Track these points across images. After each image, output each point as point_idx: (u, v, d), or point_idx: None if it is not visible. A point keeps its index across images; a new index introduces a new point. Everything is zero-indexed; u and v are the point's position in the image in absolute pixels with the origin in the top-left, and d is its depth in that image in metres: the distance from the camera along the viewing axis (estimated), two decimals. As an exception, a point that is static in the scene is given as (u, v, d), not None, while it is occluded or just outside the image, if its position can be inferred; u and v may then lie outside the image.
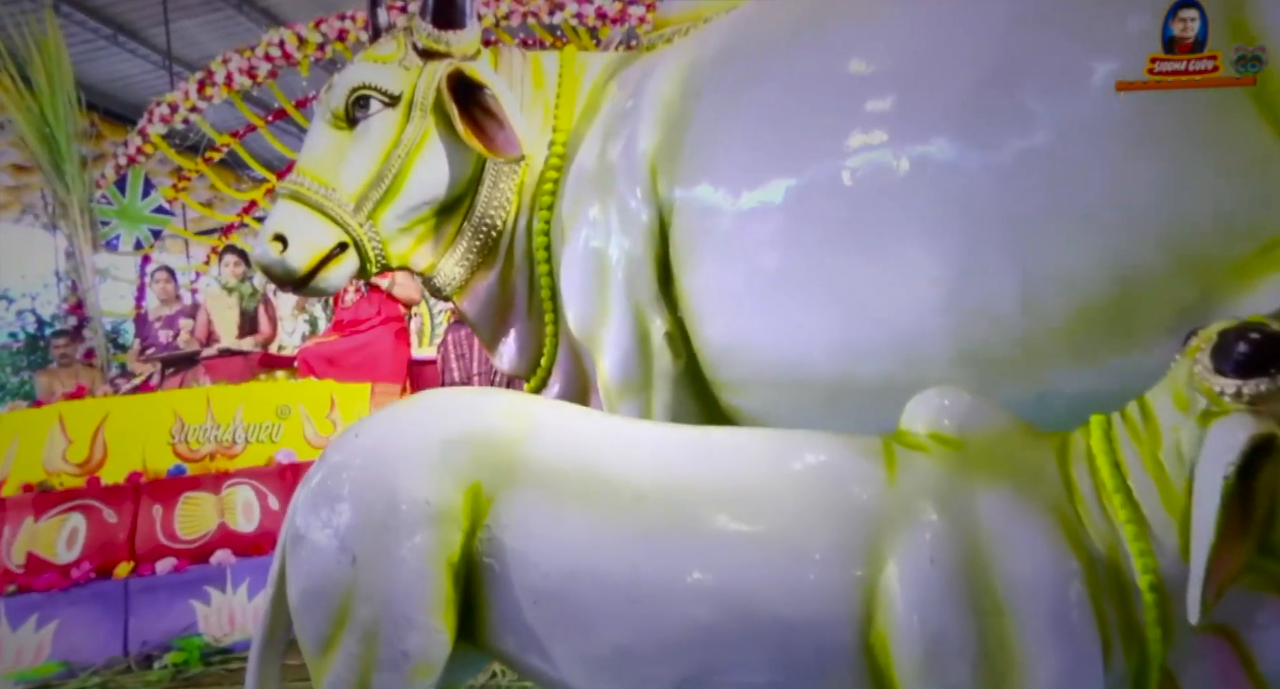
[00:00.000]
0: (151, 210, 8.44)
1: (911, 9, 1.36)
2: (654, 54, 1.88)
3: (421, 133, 1.95)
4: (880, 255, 1.34)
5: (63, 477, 3.91)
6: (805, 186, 1.44)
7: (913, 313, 1.30)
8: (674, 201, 1.65)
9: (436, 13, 1.94)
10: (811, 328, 1.44)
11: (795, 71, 1.48)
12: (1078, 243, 1.13)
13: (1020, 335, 1.20)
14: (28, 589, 3.62)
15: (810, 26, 1.49)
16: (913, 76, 1.32)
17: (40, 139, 7.91)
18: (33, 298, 14.65)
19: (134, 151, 8.10)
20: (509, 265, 2.08)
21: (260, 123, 8.67)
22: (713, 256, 1.58)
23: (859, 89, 1.37)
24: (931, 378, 1.30)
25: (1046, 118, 1.18)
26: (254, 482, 4.07)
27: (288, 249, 1.88)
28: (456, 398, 1.21)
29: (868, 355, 1.37)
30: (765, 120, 1.51)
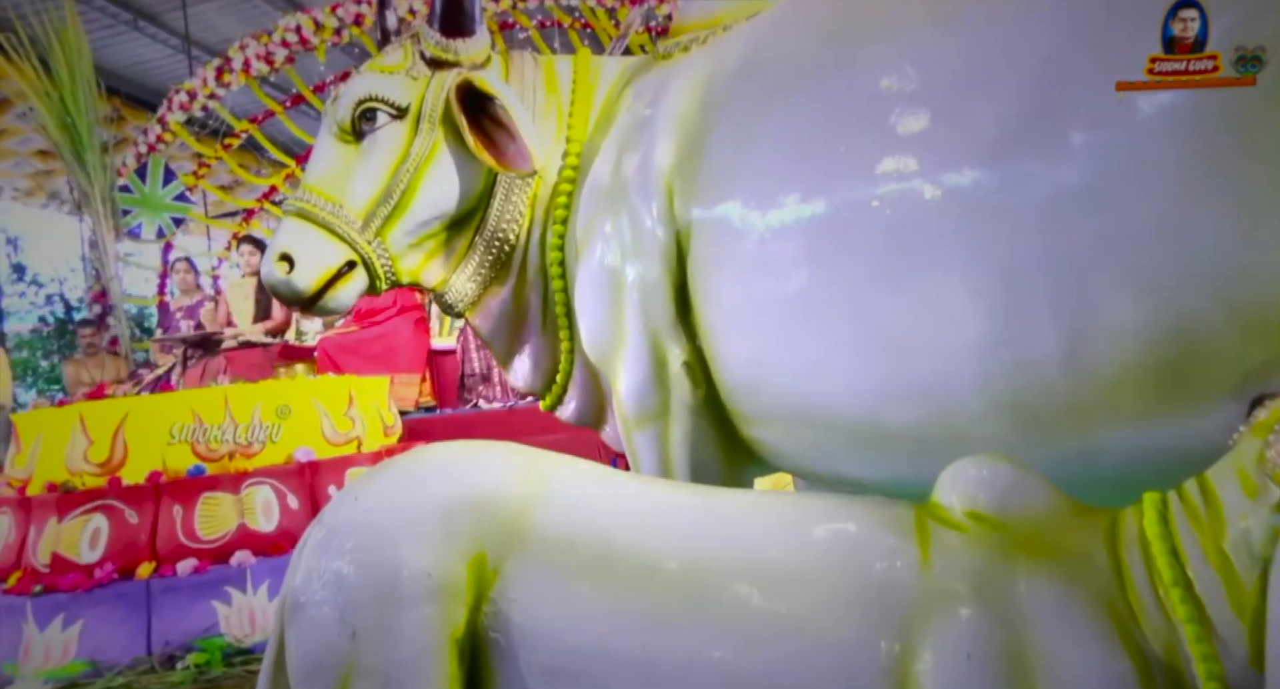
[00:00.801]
0: (173, 198, 8.47)
1: (947, 29, 1.26)
2: (671, 63, 1.79)
3: (430, 146, 1.88)
4: (910, 291, 1.26)
5: (84, 476, 3.93)
6: (832, 213, 1.36)
7: (944, 357, 1.21)
8: (691, 222, 1.57)
9: (444, 20, 1.86)
10: (835, 366, 1.35)
11: (822, 91, 1.39)
12: (1127, 293, 1.04)
13: (1062, 390, 1.11)
14: (53, 589, 3.64)
15: (838, 43, 1.40)
16: (948, 101, 1.22)
17: (61, 128, 7.92)
18: (60, 283, 14.83)
19: (154, 140, 8.11)
20: (522, 280, 2.01)
21: (279, 108, 8.65)
22: (733, 284, 1.50)
23: (890, 112, 1.28)
24: (965, 428, 1.22)
25: (1094, 152, 1.08)
26: (273, 481, 4.06)
27: (294, 269, 1.82)
28: (460, 458, 1.15)
29: (894, 400, 1.29)
30: (790, 141, 1.42)
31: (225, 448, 4.05)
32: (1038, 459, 1.18)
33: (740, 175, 1.49)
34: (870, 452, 1.38)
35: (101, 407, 4.02)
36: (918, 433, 1.28)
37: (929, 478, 1.38)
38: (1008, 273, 1.15)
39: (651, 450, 1.70)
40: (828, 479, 1.64)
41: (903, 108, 1.27)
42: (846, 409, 1.36)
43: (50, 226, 14.55)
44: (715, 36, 1.75)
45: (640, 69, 1.93)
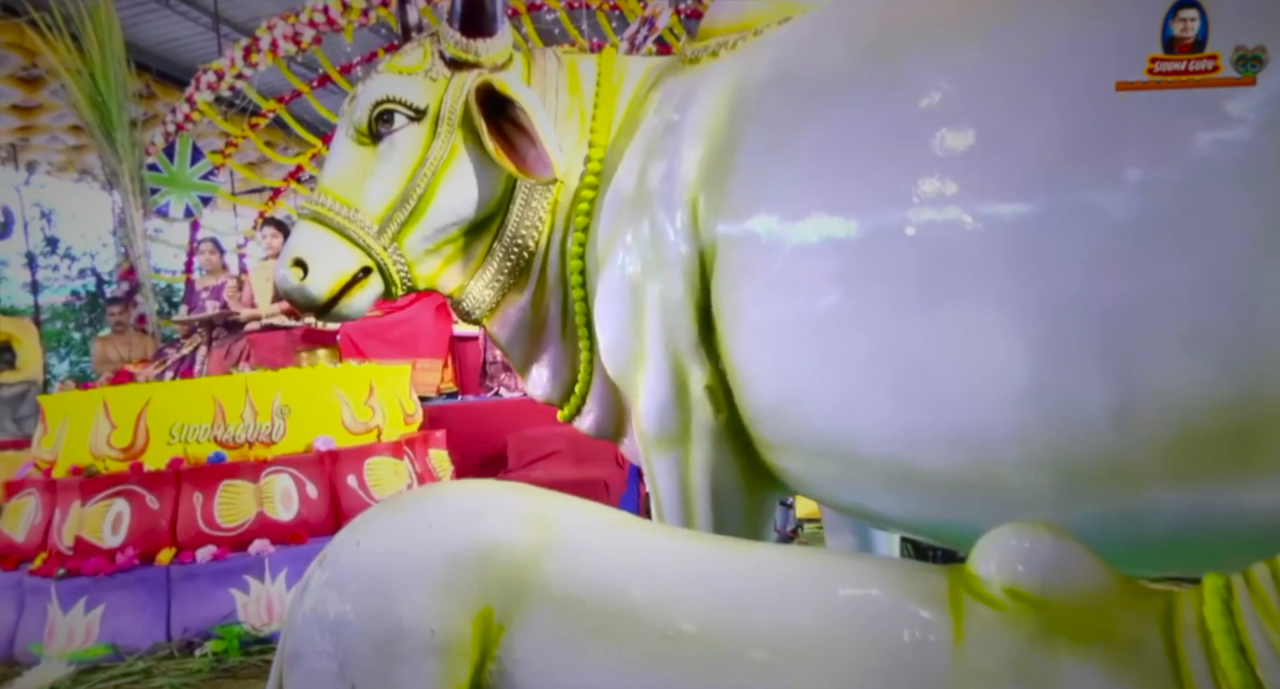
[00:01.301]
0: (200, 177, 8.48)
1: (992, 47, 1.17)
2: (699, 69, 1.71)
3: (449, 149, 1.82)
4: (945, 327, 1.18)
5: (107, 461, 3.95)
6: (865, 237, 1.28)
7: (980, 402, 1.14)
8: (716, 238, 1.50)
9: (464, 20, 1.79)
10: (865, 401, 1.28)
11: (859, 107, 1.31)
12: (1186, 350, 0.96)
13: (1109, 447, 1.03)
14: (76, 573, 3.68)
15: (875, 57, 1.32)
16: (992, 125, 1.14)
17: (92, 105, 7.95)
18: (92, 257, 15.01)
19: (181, 119, 8.13)
20: (541, 288, 1.95)
21: (305, 88, 8.62)
22: (758, 306, 1.43)
23: (931, 134, 1.20)
24: (1001, 477, 1.15)
25: (1151, 190, 1.00)
26: (293, 469, 4.06)
27: (308, 275, 1.77)
28: (467, 501, 1.10)
29: (926, 442, 1.22)
30: (823, 159, 1.34)
31: (245, 435, 4.06)
32: (1080, 516, 1.11)
33: (769, 192, 1.42)
34: (899, 491, 1.32)
35: (124, 392, 4.04)
36: (951, 478, 1.21)
37: (961, 522, 1.32)
38: (1052, 315, 1.07)
39: (671, 475, 1.65)
40: (853, 512, 1.58)
41: (944, 129, 1.19)
42: (875, 447, 1.29)
43: (83, 200, 14.71)
44: (745, 41, 1.67)
45: (667, 72, 1.85)
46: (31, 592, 3.76)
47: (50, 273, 14.56)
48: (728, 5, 1.80)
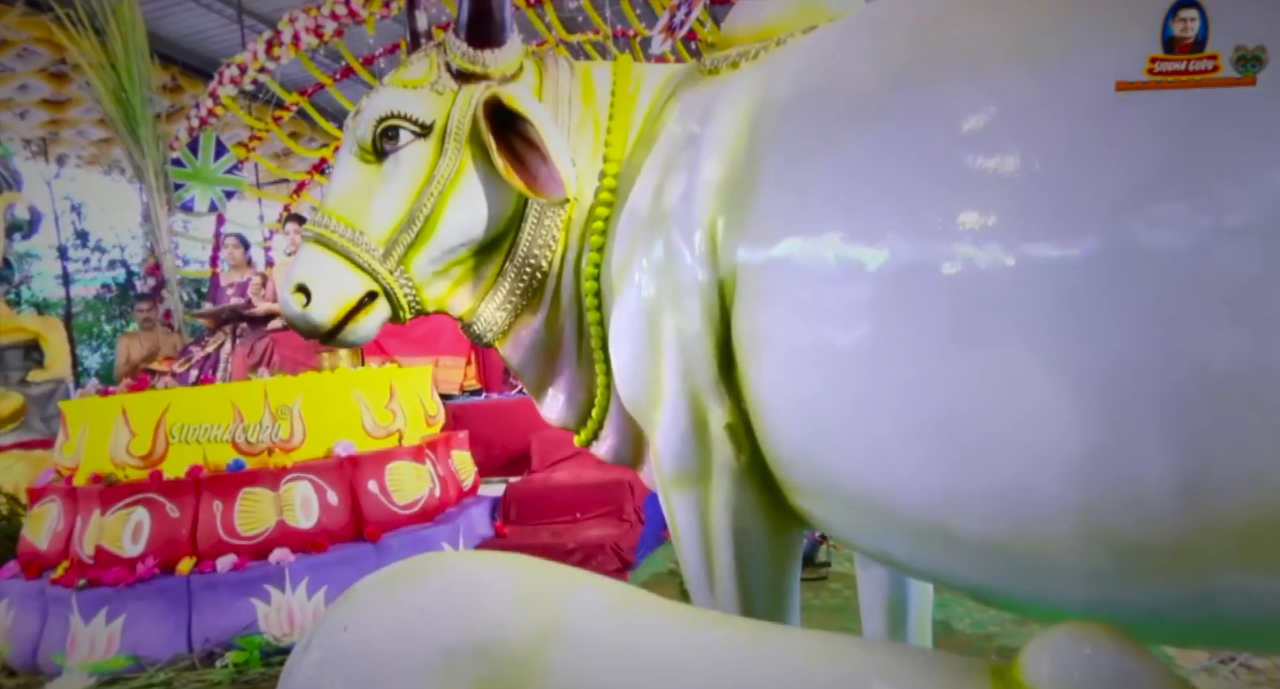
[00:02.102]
0: (225, 172, 8.48)
1: (1042, 71, 1.04)
2: (719, 80, 1.59)
3: (457, 166, 1.72)
4: (987, 379, 1.06)
5: (127, 469, 3.92)
6: (900, 272, 1.16)
7: (1024, 465, 1.02)
8: (737, 266, 1.38)
9: (472, 29, 1.69)
10: (898, 453, 1.17)
11: (893, 130, 1.19)
12: (1266, 421, 0.84)
13: (1176, 525, 0.91)
14: (97, 583, 3.66)
15: (913, 74, 1.19)
16: (1044, 158, 1.02)
17: (116, 101, 7.97)
18: (122, 249, 15.15)
19: (205, 114, 8.11)
20: (555, 309, 1.85)
21: (328, 81, 8.57)
22: (782, 343, 1.32)
23: (974, 164, 1.08)
24: (1049, 548, 1.03)
25: (1228, 240, 0.88)
26: (312, 476, 4.01)
27: (311, 301, 1.69)
28: (465, 583, 1.00)
29: (964, 503, 1.10)
30: (854, 187, 1.22)
31: (264, 442, 4.01)
32: (1140, 593, 1.00)
33: (794, 220, 1.30)
34: (934, 549, 1.20)
35: (143, 399, 4.00)
36: (991, 542, 1.09)
37: (1003, 587, 1.21)
38: (1110, 374, 0.94)
39: (690, 514, 1.55)
40: (884, 562, 1.47)
41: (988, 158, 1.07)
42: (908, 501, 1.18)
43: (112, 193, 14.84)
44: (767, 52, 1.55)
45: (685, 82, 1.74)
46: (54, 601, 3.75)
47: (81, 266, 14.72)
48: (748, 12, 1.68)
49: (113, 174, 13.70)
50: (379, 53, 8.42)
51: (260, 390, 4.05)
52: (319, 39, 7.83)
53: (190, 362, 6.62)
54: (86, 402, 4.30)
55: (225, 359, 6.56)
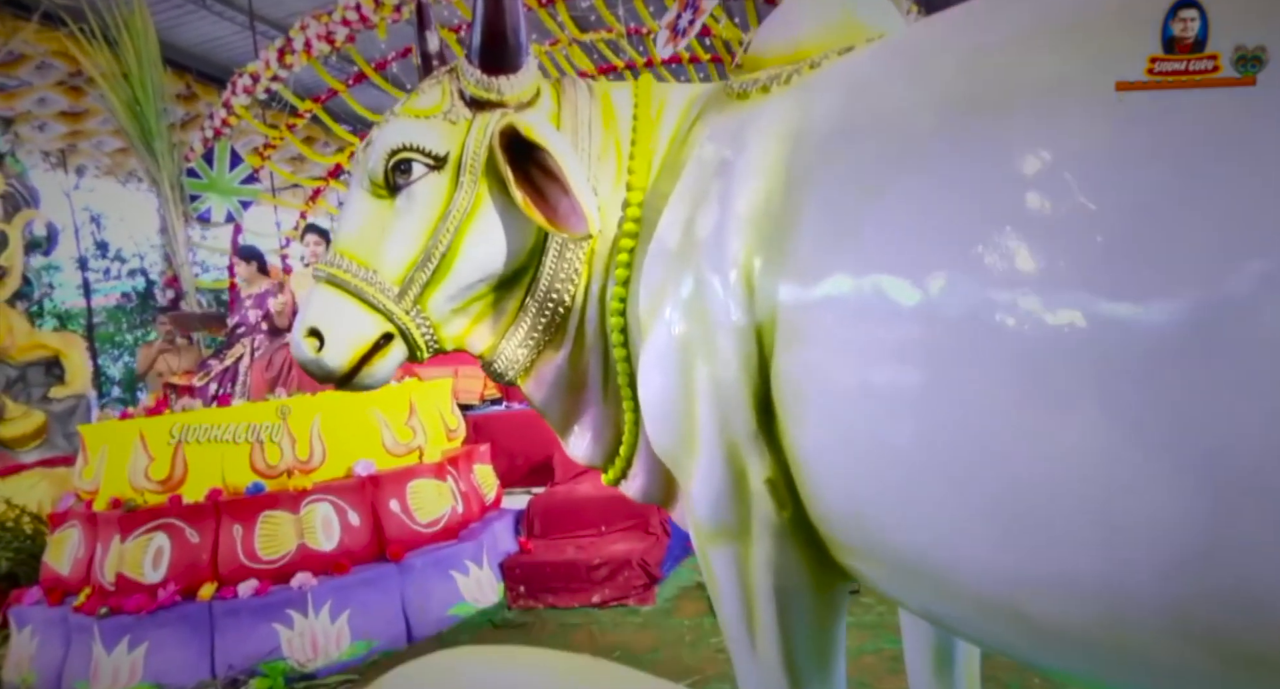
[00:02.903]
0: (240, 182, 8.47)
1: (1118, 113, 0.94)
2: (750, 106, 1.48)
3: (473, 200, 1.62)
4: (1060, 446, 0.95)
5: (146, 494, 3.88)
6: (962, 323, 1.05)
7: (1107, 554, 0.91)
8: (776, 311, 1.28)
9: (485, 55, 1.59)
10: (960, 525, 1.06)
11: (952, 170, 1.07)
12: None
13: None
14: (119, 611, 3.62)
15: (970, 110, 1.08)
16: (1129, 207, 0.92)
17: (131, 114, 7.98)
18: (141, 258, 15.23)
19: (219, 124, 8.08)
20: (580, 345, 1.76)
21: (342, 87, 8.53)
22: (827, 396, 1.21)
23: (1048, 209, 0.97)
24: (1139, 645, 0.92)
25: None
26: (333, 497, 3.96)
27: (325, 346, 1.60)
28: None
29: (1036, 589, 0.99)
30: (905, 233, 1.11)
31: (284, 464, 3.96)
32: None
33: (841, 261, 1.20)
34: (999, 626, 1.10)
35: (161, 422, 3.96)
36: (1068, 631, 0.98)
37: (1079, 672, 1.10)
38: (1215, 451, 0.83)
39: (729, 571, 1.45)
40: (938, 626, 1.37)
41: (1062, 207, 0.96)
42: (972, 578, 1.07)
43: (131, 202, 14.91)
44: (800, 75, 1.44)
45: (712, 106, 1.64)
46: (77, 629, 3.72)
47: (101, 276, 14.82)
48: (779, 32, 1.57)
49: (130, 184, 13.77)
50: (391, 57, 8.38)
51: (277, 411, 4.00)
52: (331, 46, 7.77)
53: (209, 375, 6.59)
54: (105, 425, 4.27)
55: (244, 372, 6.51)
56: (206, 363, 6.80)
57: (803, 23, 1.53)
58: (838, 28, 1.49)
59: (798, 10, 1.57)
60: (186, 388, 6.80)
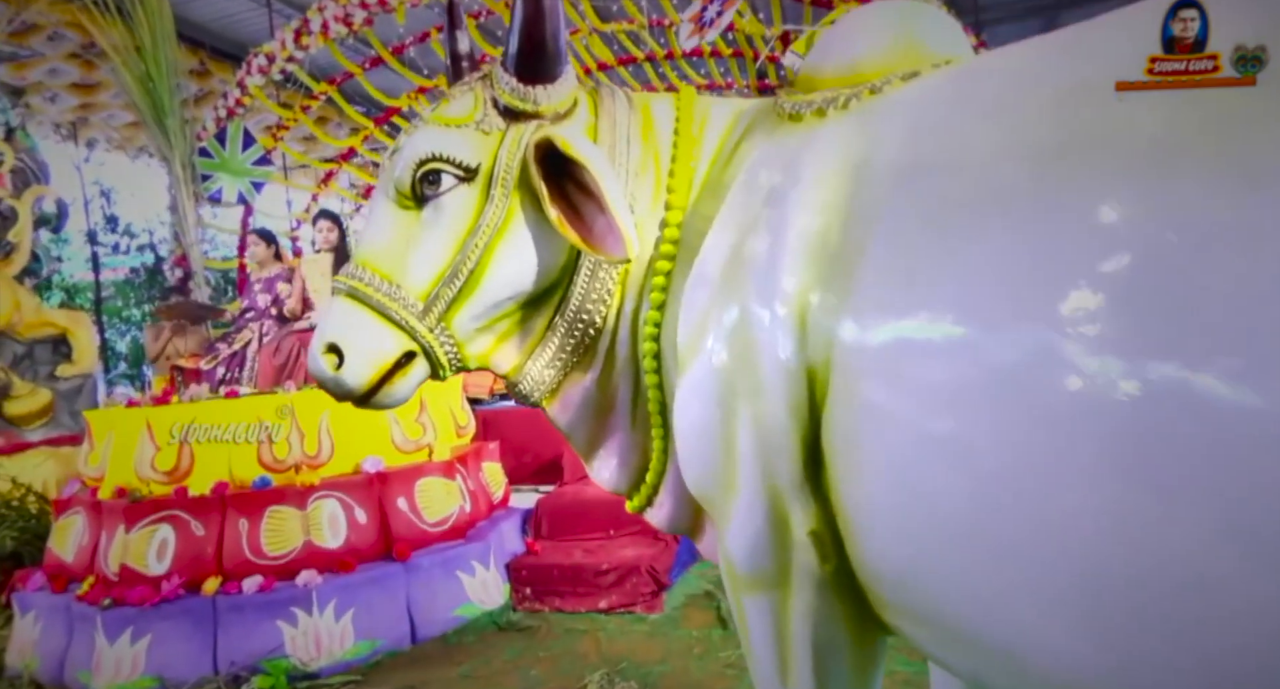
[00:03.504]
0: (253, 163, 8.39)
1: (1235, 186, 0.86)
2: (804, 130, 1.40)
3: (505, 214, 1.55)
4: (1143, 527, 0.89)
5: (152, 485, 3.83)
6: (1035, 383, 0.98)
7: (1200, 638, 0.85)
8: (833, 350, 1.20)
9: (522, 64, 1.51)
10: (1028, 607, 0.99)
11: (1034, 223, 0.99)
12: None
13: None
14: (122, 602, 3.58)
15: (1057, 162, 1.00)
16: (1219, 283, 0.84)
17: (144, 91, 7.89)
18: (151, 234, 15.18)
19: (233, 104, 7.99)
20: (609, 368, 1.69)
21: (358, 70, 8.43)
22: (885, 450, 1.13)
23: (1145, 278, 0.90)
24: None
25: None
26: (340, 493, 3.90)
27: (344, 364, 1.53)
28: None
29: (1113, 675, 0.92)
30: (981, 283, 1.03)
31: (291, 458, 3.90)
32: None
33: (907, 308, 1.11)
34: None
35: (168, 412, 3.90)
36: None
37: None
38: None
39: (764, 620, 1.38)
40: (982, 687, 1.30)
41: (1162, 276, 0.88)
42: (1043, 662, 1.00)
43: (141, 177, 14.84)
44: (859, 101, 1.35)
45: (760, 124, 1.55)
46: (80, 618, 3.67)
47: (110, 251, 14.78)
48: (835, 51, 1.48)
49: (141, 159, 13.69)
50: (409, 41, 8.27)
51: (285, 402, 3.93)
52: (348, 28, 7.66)
53: (216, 359, 6.53)
54: (111, 412, 4.21)
55: (252, 358, 6.45)
56: (214, 346, 6.74)
57: (861, 43, 1.45)
58: (899, 50, 1.41)
59: (856, 30, 1.48)
60: (194, 372, 6.75)
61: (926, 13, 1.47)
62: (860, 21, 1.50)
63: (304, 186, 10.29)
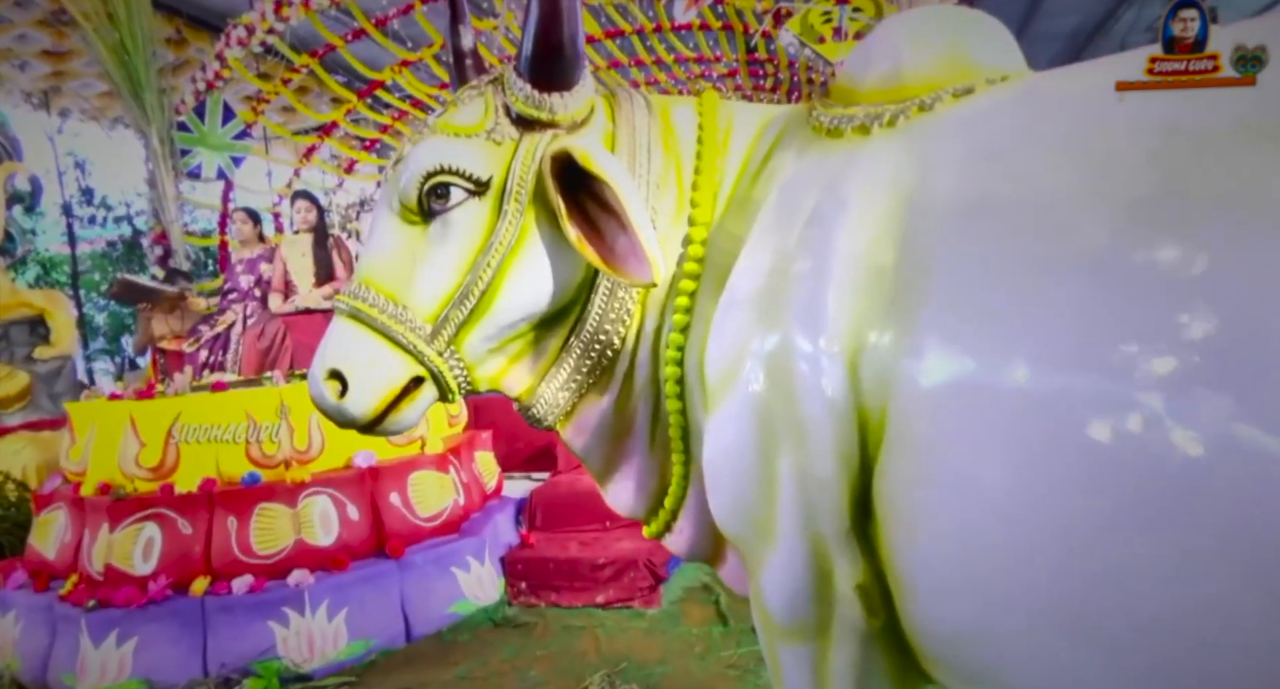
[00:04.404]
0: (233, 137, 8.16)
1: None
2: (845, 148, 1.29)
3: (519, 231, 1.43)
4: (1240, 611, 0.81)
5: (136, 482, 3.71)
6: (1123, 443, 0.89)
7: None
8: (889, 395, 1.10)
9: (537, 69, 1.39)
10: (1099, 681, 0.92)
11: (1127, 280, 0.90)
12: None
13: None
14: (107, 603, 3.48)
15: (1138, 210, 0.90)
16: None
17: (118, 62, 7.63)
18: (128, 206, 14.85)
19: (211, 76, 7.75)
20: (627, 391, 1.59)
21: (340, 42, 8.19)
22: (948, 503, 1.04)
23: (1217, 332, 0.82)
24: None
25: None
26: (331, 490, 3.80)
27: (348, 391, 1.43)
28: None
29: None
30: (1056, 332, 0.94)
31: (281, 454, 3.79)
32: None
33: (978, 358, 1.02)
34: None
35: (152, 407, 3.77)
36: None
37: None
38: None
39: (802, 671, 1.30)
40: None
41: (1252, 336, 0.80)
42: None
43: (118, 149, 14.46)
44: (907, 118, 1.24)
45: (792, 135, 1.44)
46: (63, 619, 3.57)
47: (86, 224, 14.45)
48: (877, 60, 1.35)
49: (117, 129, 13.33)
50: (392, 14, 8.03)
51: (276, 399, 3.82)
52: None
53: (199, 341, 6.38)
54: (94, 404, 4.08)
55: (236, 340, 6.31)
56: (197, 328, 6.58)
57: (906, 52, 1.33)
58: (947, 62, 1.29)
59: (900, 37, 1.36)
60: (177, 354, 6.59)
61: (977, 20, 1.36)
62: (904, 28, 1.38)
63: (285, 161, 10.05)
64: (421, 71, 9.30)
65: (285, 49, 7.89)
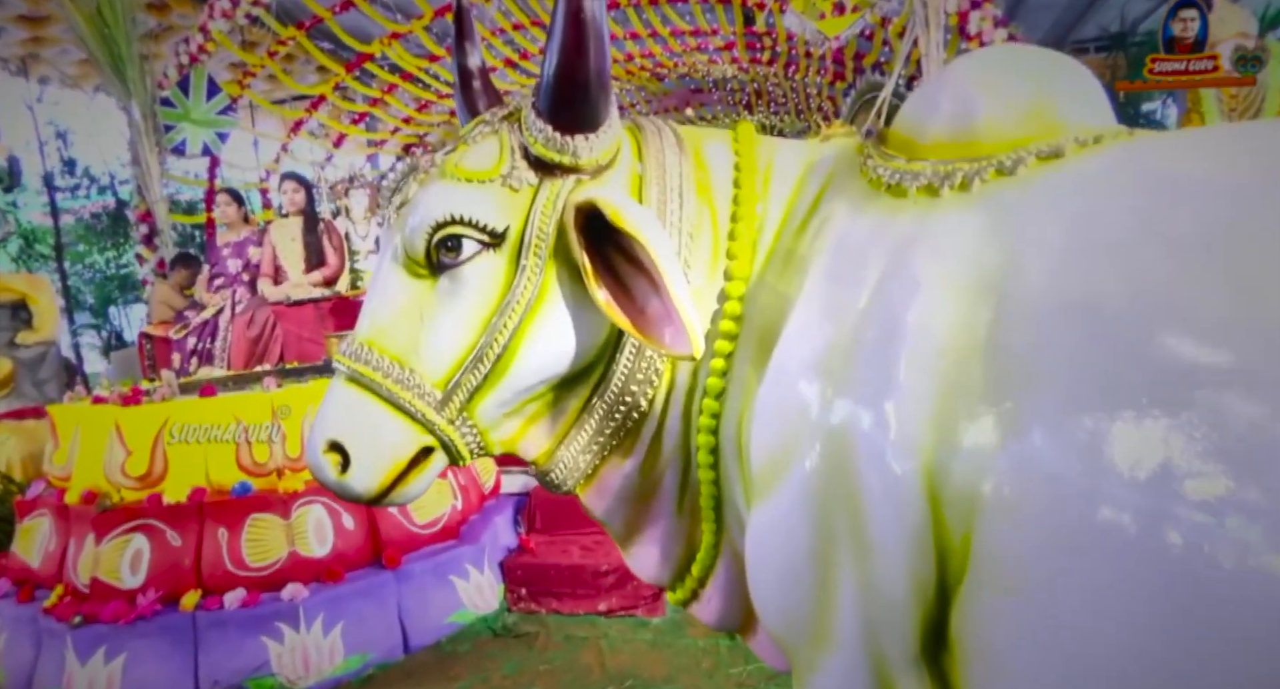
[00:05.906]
0: (218, 113, 7.90)
1: None
2: (911, 209, 1.12)
3: (539, 288, 1.29)
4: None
5: (123, 491, 3.57)
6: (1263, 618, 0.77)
7: None
8: (973, 524, 0.95)
9: (559, 109, 1.23)
10: None
11: (1260, 394, 0.77)
12: None
13: None
14: (94, 619, 3.35)
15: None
16: None
17: (98, 37, 7.32)
18: (112, 177, 14.54)
19: (195, 50, 7.47)
20: (654, 455, 1.46)
21: (327, 14, 7.92)
22: (1056, 658, 0.90)
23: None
24: None
25: None
26: (326, 498, 3.67)
27: (350, 466, 1.29)
28: None
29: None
30: (1198, 462, 0.80)
31: (273, 462, 3.65)
32: None
33: (1081, 494, 0.88)
34: None
35: (139, 413, 3.62)
36: None
37: None
38: None
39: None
40: None
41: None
42: None
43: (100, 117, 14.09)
44: (983, 181, 1.08)
45: (840, 182, 1.29)
46: (48, 633, 3.45)
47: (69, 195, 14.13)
48: (944, 105, 1.18)
49: (99, 96, 12.96)
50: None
51: (268, 404, 3.67)
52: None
53: (187, 328, 6.21)
54: (77, 408, 3.92)
55: (224, 327, 6.14)
56: (183, 314, 6.40)
57: (980, 101, 1.16)
58: (1029, 116, 1.13)
59: (972, 81, 1.19)
60: (164, 340, 6.42)
61: (1063, 65, 1.20)
62: (978, 70, 1.21)
63: (272, 135, 9.77)
64: (411, 43, 9.02)
65: (271, 21, 7.61)
